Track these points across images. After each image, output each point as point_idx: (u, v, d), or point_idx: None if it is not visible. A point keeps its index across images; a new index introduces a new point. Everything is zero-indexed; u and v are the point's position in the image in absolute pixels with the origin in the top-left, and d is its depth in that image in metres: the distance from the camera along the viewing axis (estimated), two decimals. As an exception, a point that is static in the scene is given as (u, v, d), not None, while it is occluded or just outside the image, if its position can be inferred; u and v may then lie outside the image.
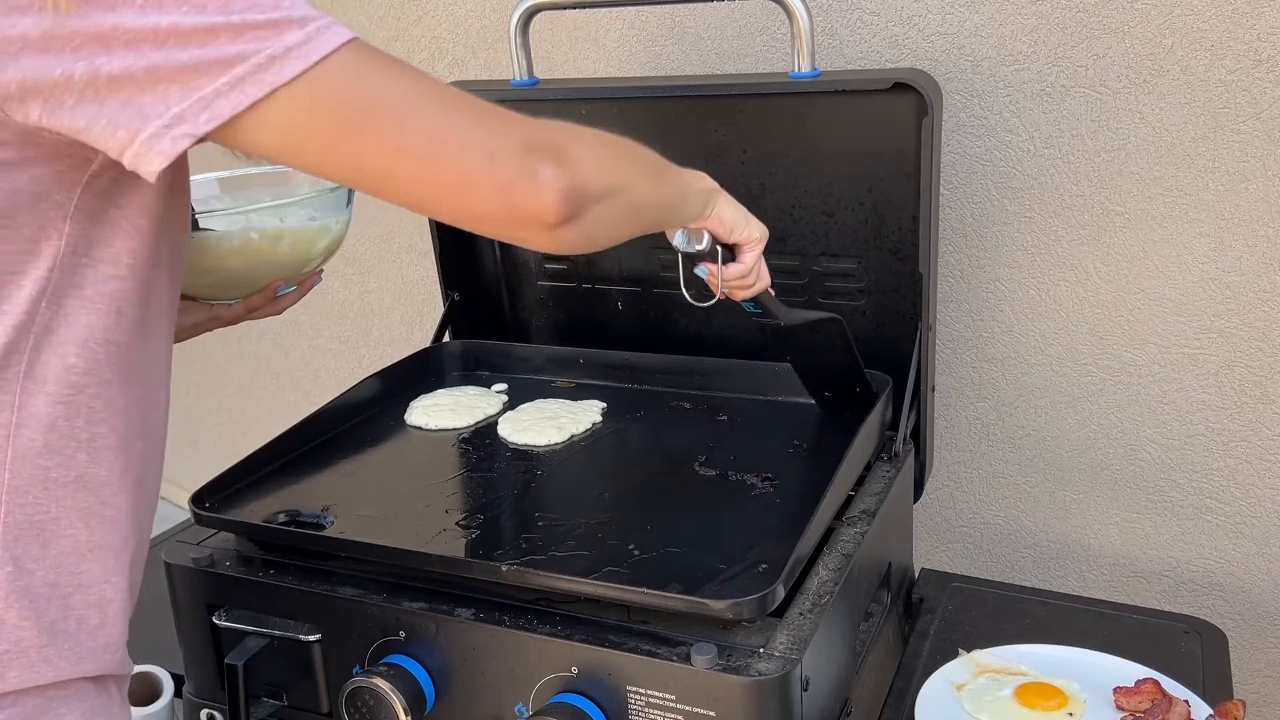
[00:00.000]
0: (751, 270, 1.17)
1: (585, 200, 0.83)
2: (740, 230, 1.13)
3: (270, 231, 1.25)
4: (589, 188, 0.84)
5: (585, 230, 0.85)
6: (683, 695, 0.97)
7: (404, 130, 0.77)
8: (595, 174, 0.85)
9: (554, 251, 0.87)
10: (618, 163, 0.91)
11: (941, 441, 1.73)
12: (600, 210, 0.86)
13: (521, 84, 1.52)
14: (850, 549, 1.16)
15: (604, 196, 0.86)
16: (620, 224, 0.92)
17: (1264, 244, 1.43)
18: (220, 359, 3.09)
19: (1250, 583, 1.55)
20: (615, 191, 0.88)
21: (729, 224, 1.12)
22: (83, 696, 0.87)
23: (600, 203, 0.85)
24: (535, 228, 0.82)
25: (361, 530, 1.19)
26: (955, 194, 1.62)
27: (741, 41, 1.75)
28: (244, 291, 1.28)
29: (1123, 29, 1.45)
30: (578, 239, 0.86)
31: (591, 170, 0.85)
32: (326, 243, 1.31)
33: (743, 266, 1.16)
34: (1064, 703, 1.15)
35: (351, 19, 2.35)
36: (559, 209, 0.81)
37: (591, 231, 0.86)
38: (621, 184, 0.90)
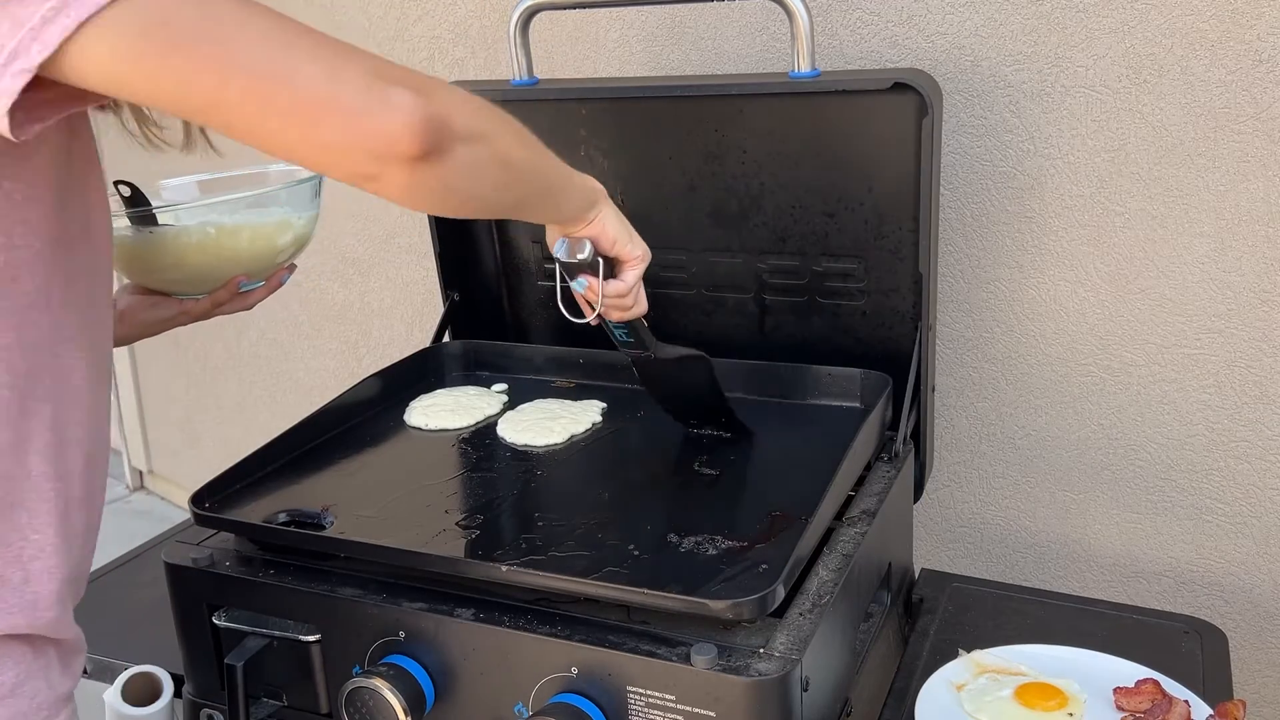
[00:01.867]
0: (631, 290, 1.14)
1: (448, 134, 0.76)
2: (623, 245, 1.11)
3: (228, 226, 1.26)
4: (452, 121, 0.77)
5: (449, 173, 0.78)
6: (683, 695, 0.97)
7: (234, 49, 0.70)
8: (458, 111, 0.78)
9: (412, 205, 0.80)
10: (482, 110, 0.85)
11: (941, 441, 1.73)
12: (465, 153, 0.79)
13: (521, 84, 1.52)
14: (850, 549, 1.16)
15: (469, 138, 0.79)
16: (488, 178, 0.85)
17: (1264, 244, 1.43)
18: (220, 359, 3.09)
19: (1250, 583, 1.55)
20: (482, 136, 0.82)
21: (612, 235, 1.09)
22: (16, 657, 0.88)
23: (466, 144, 0.79)
24: (391, 162, 0.74)
25: (361, 530, 1.19)
26: (955, 194, 1.62)
27: (741, 41, 1.75)
28: (207, 287, 1.29)
29: (1123, 29, 1.45)
30: (439, 184, 0.79)
31: (454, 106, 0.78)
32: (289, 238, 1.32)
33: (622, 285, 1.13)
34: (1064, 703, 1.15)
35: (351, 19, 2.36)
36: (417, 138, 0.74)
37: (456, 178, 0.80)
38: (489, 130, 0.83)
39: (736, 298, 1.56)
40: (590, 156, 1.58)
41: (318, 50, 0.74)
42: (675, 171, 1.53)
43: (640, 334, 1.23)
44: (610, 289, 1.13)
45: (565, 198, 1.03)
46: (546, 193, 1.00)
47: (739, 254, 1.54)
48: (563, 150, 1.22)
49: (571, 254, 1.09)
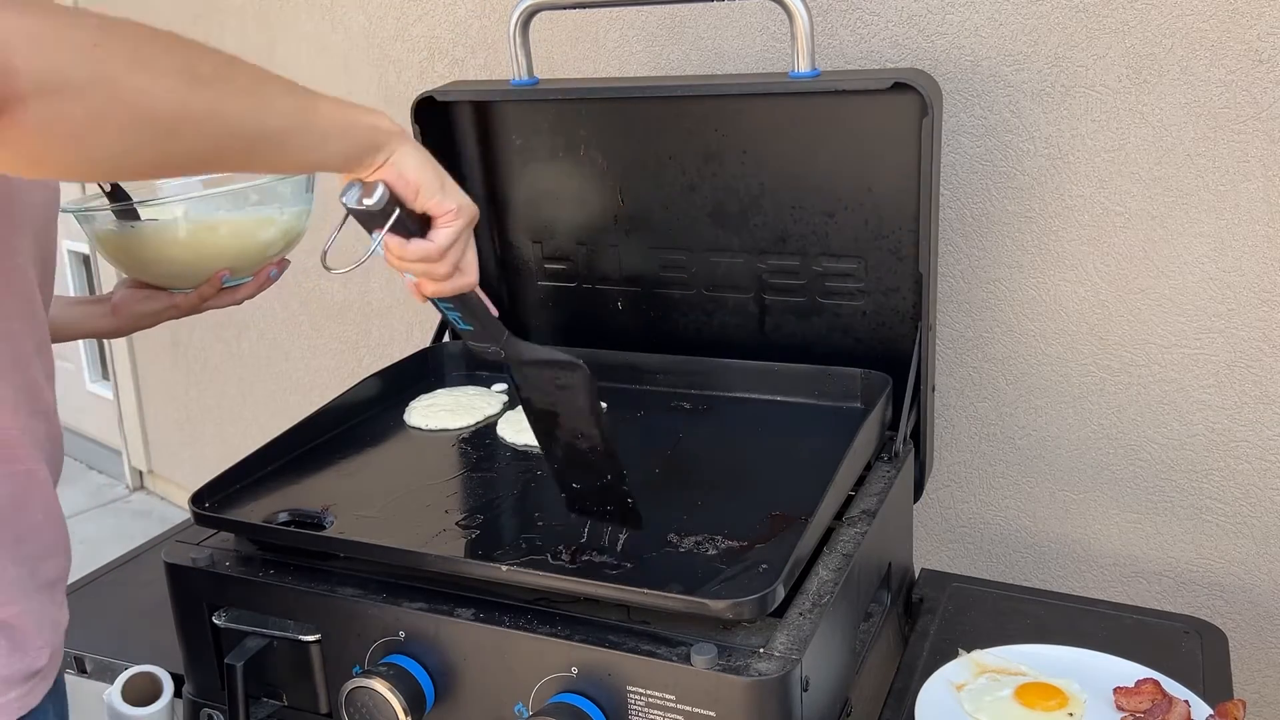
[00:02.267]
0: (445, 254, 0.92)
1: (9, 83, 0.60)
2: (430, 195, 0.90)
3: (208, 222, 1.28)
4: (18, 68, 0.60)
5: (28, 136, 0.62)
6: (683, 695, 0.97)
7: None
8: (35, 52, 0.61)
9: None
10: (100, 44, 0.66)
11: (941, 441, 1.73)
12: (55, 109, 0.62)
13: (521, 84, 1.52)
14: (850, 549, 1.16)
15: (60, 89, 0.62)
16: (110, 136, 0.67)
17: (1264, 244, 1.43)
18: (220, 359, 3.09)
19: (1250, 583, 1.55)
20: (87, 84, 0.64)
21: (413, 181, 0.89)
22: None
23: (54, 98, 0.62)
24: None
25: (361, 530, 1.19)
26: (955, 194, 1.62)
27: (741, 41, 1.75)
28: (192, 281, 1.31)
29: (1123, 29, 1.45)
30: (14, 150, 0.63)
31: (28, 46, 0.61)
32: (273, 233, 1.33)
33: (429, 245, 0.92)
34: (1064, 703, 1.15)
35: (351, 19, 2.36)
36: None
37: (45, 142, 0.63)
38: (102, 75, 0.65)
39: (736, 298, 1.56)
40: (590, 156, 1.58)
41: None
42: (675, 171, 1.53)
43: (477, 316, 0.99)
44: (414, 250, 0.92)
45: (304, 146, 0.83)
46: (250, 144, 0.78)
47: (739, 254, 1.54)
48: (563, 150, 1.22)
49: (359, 200, 0.89)
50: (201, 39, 0.76)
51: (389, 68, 2.32)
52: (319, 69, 2.45)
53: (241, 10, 2.64)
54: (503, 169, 1.64)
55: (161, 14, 2.79)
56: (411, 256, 0.93)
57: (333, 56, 2.43)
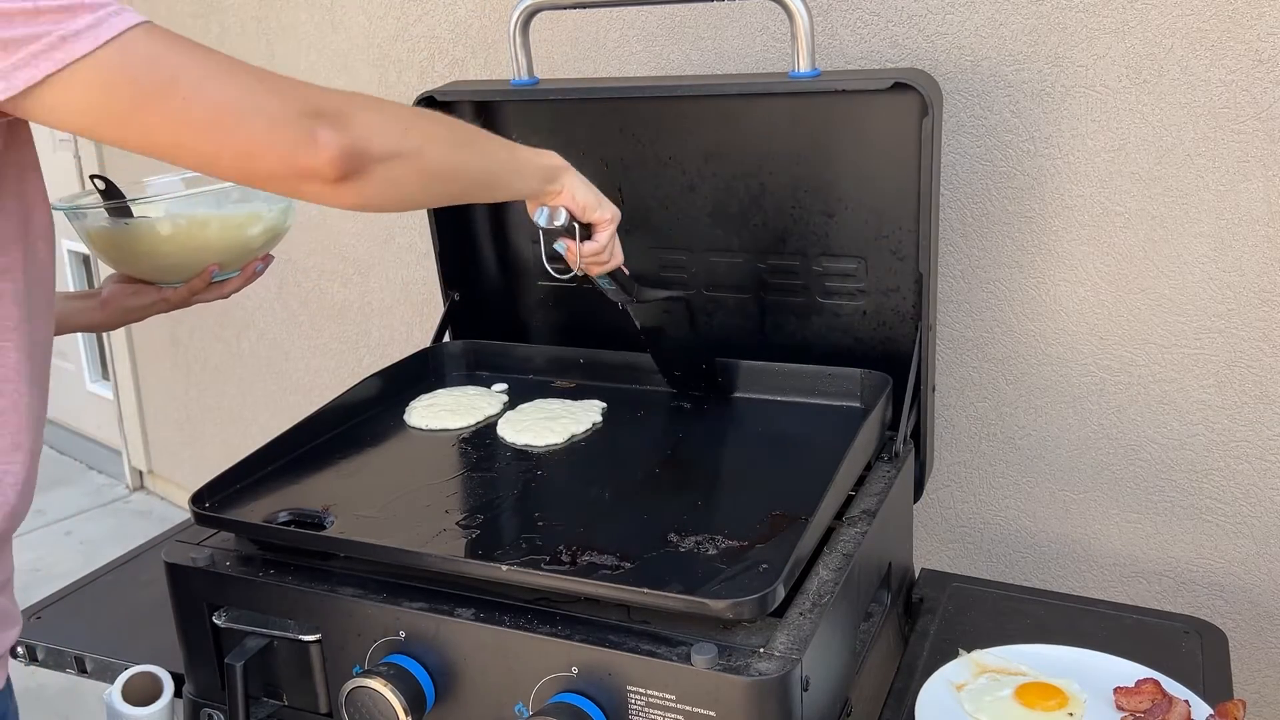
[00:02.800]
0: (605, 248, 1.27)
1: (365, 159, 0.92)
2: (594, 210, 1.23)
3: (198, 218, 1.32)
4: (369, 148, 0.93)
5: (370, 187, 0.94)
6: (683, 695, 0.97)
7: (189, 104, 0.84)
8: (376, 136, 0.94)
9: (345, 207, 0.96)
10: (405, 129, 0.99)
11: (941, 441, 1.73)
12: (385, 170, 0.95)
13: (521, 84, 1.52)
14: (850, 549, 1.16)
15: (388, 157, 0.95)
16: (412, 184, 1.01)
17: (1264, 244, 1.43)
18: (220, 359, 3.09)
19: (1250, 583, 1.55)
20: (402, 154, 0.97)
21: (582, 203, 1.22)
22: None
23: (384, 163, 0.94)
24: (317, 183, 0.91)
25: (361, 530, 1.19)
26: (955, 194, 1.62)
27: (741, 41, 1.75)
28: (182, 276, 1.35)
29: (1123, 29, 1.45)
30: (362, 196, 0.95)
31: (372, 133, 0.93)
32: (260, 229, 1.37)
33: (597, 244, 1.26)
34: (1064, 703, 1.15)
35: (351, 19, 2.36)
36: (337, 167, 0.90)
37: (377, 189, 0.95)
38: (409, 147, 0.98)
39: (736, 298, 1.56)
40: (590, 156, 1.57)
41: (259, 94, 0.88)
42: (675, 171, 1.54)
43: (622, 283, 1.35)
44: (586, 249, 1.26)
45: (515, 181, 1.17)
46: (488, 183, 1.15)
47: (739, 254, 1.54)
48: (562, 151, 1.23)
49: (549, 222, 1.23)
50: (200, 39, 0.92)
51: (389, 68, 2.32)
52: (319, 69, 2.45)
53: (241, 10, 2.64)
54: (503, 169, 1.64)
55: (161, 13, 2.79)
56: (586, 254, 1.27)
57: (333, 56, 2.43)
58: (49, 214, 1.00)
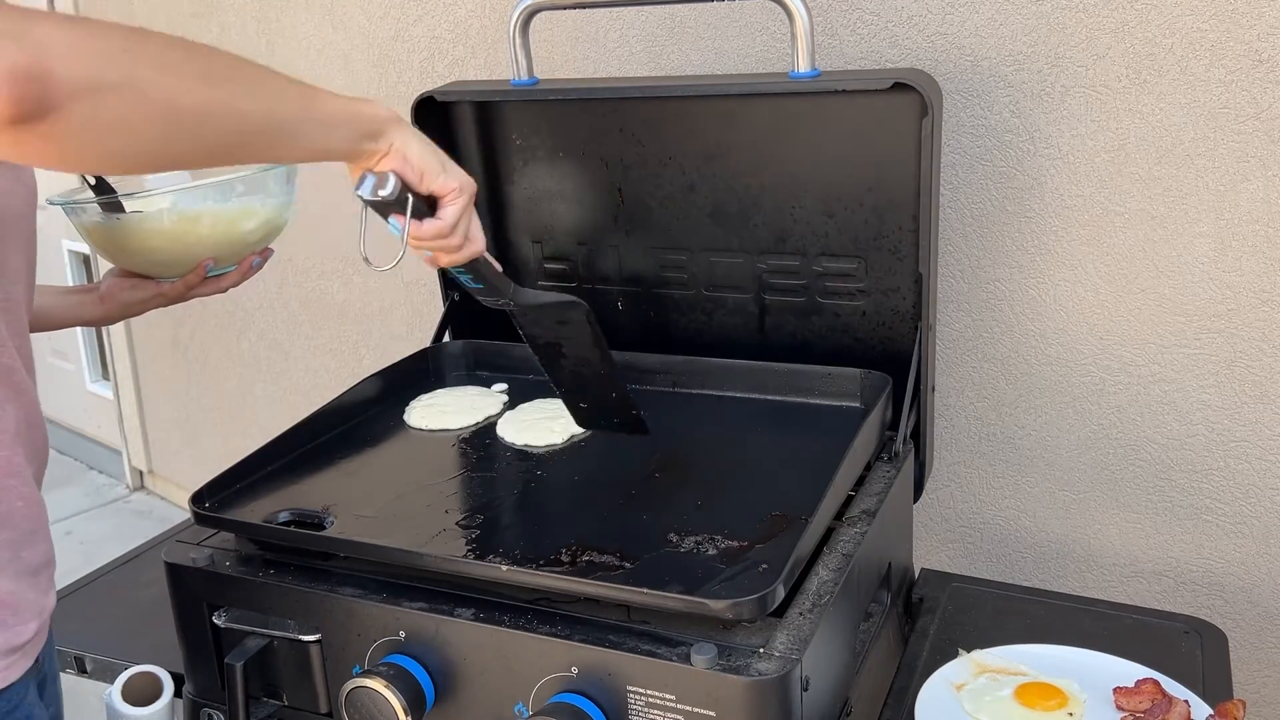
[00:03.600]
0: (455, 228, 1.00)
1: (53, 89, 0.67)
2: (434, 177, 0.98)
3: (189, 213, 1.31)
4: (58, 75, 0.68)
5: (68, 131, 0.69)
6: (683, 695, 0.97)
7: None
8: (72, 59, 0.69)
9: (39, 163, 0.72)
10: (126, 50, 0.73)
11: (941, 441, 1.73)
12: (89, 106, 0.70)
13: (521, 84, 1.52)
14: (850, 549, 1.16)
15: (91, 88, 0.70)
16: (137, 129, 0.74)
17: (1264, 244, 1.43)
18: (220, 359, 3.09)
19: (1250, 583, 1.55)
20: (115, 84, 0.71)
21: (418, 167, 0.96)
22: None
23: (87, 96, 0.69)
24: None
25: (361, 530, 1.19)
26: (955, 194, 1.62)
27: (741, 41, 1.75)
28: (177, 270, 1.35)
29: (1123, 29, 1.45)
30: (57, 144, 0.70)
31: (65, 54, 0.68)
32: (255, 224, 1.36)
33: (441, 223, 1.00)
34: (1064, 703, 1.15)
35: (351, 19, 2.36)
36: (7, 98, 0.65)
37: (80, 134, 0.70)
38: (128, 75, 0.72)
39: (736, 298, 1.57)
40: (590, 156, 1.58)
41: None
42: (675, 171, 1.54)
43: (487, 278, 1.08)
44: (428, 229, 1.00)
45: (310, 134, 0.89)
46: (264, 134, 0.86)
47: (739, 254, 1.54)
48: (563, 150, 1.23)
49: (374, 191, 0.95)
50: (201, 39, 0.82)
51: (389, 68, 2.32)
52: (319, 69, 2.45)
53: (241, 10, 2.64)
54: (503, 169, 1.64)
55: (161, 13, 2.79)
56: (426, 235, 1.00)
57: (333, 56, 2.43)
58: (23, 218, 0.97)
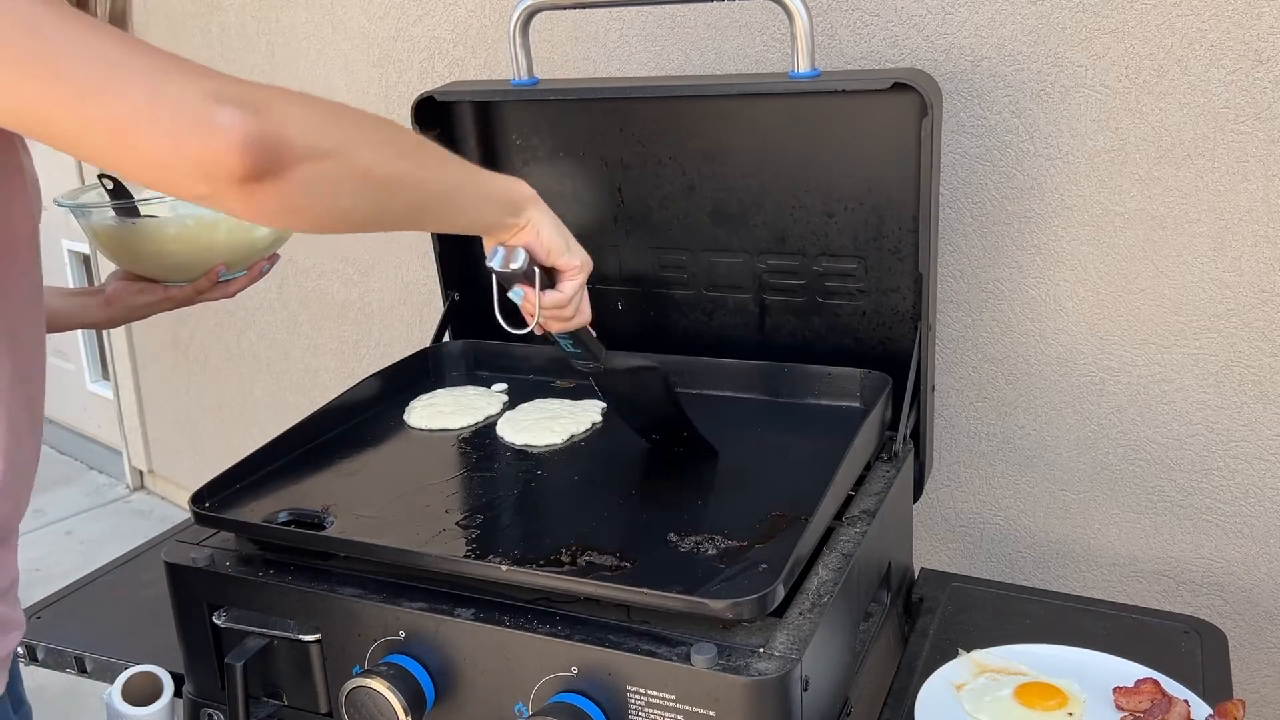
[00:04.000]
0: (571, 301, 1.10)
1: (284, 153, 0.75)
2: (560, 255, 1.07)
3: (206, 219, 1.31)
4: (290, 140, 0.75)
5: (293, 191, 0.77)
6: (683, 695, 0.97)
7: (59, 65, 0.69)
8: (300, 128, 0.76)
9: (263, 219, 0.79)
10: (335, 123, 0.82)
11: (941, 441, 1.73)
12: (309, 171, 0.77)
13: (521, 84, 1.52)
14: (850, 549, 1.16)
15: (315, 156, 0.77)
16: (345, 192, 0.83)
17: (1264, 244, 1.43)
18: (220, 359, 3.09)
19: (1250, 583, 1.55)
20: (331, 152, 0.79)
21: (547, 244, 1.06)
22: None
23: (309, 162, 0.77)
24: (220, 182, 0.73)
25: (361, 530, 1.19)
26: (955, 194, 1.62)
27: (741, 41, 1.75)
28: (188, 275, 1.35)
29: (1123, 29, 1.45)
30: (283, 201, 0.77)
31: (294, 123, 0.76)
32: (268, 230, 1.36)
33: (560, 295, 1.09)
34: (1064, 703, 1.15)
35: (351, 19, 2.36)
36: (245, 159, 0.72)
37: (303, 194, 0.78)
38: (342, 145, 0.81)
39: (736, 298, 1.57)
40: (590, 156, 1.58)
41: (144, 67, 0.71)
42: (675, 171, 1.54)
43: (586, 344, 1.18)
44: (548, 300, 1.09)
45: (470, 206, 1.00)
46: (437, 203, 0.96)
47: (739, 254, 1.54)
48: (563, 150, 1.23)
49: (505, 264, 1.04)
50: (201, 38, 0.80)
51: (389, 68, 2.32)
52: (319, 69, 2.45)
53: (241, 10, 2.64)
54: (503, 169, 1.64)
55: (161, 13, 2.79)
56: (547, 305, 1.09)
57: (333, 56, 2.43)
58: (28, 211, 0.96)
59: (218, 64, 0.92)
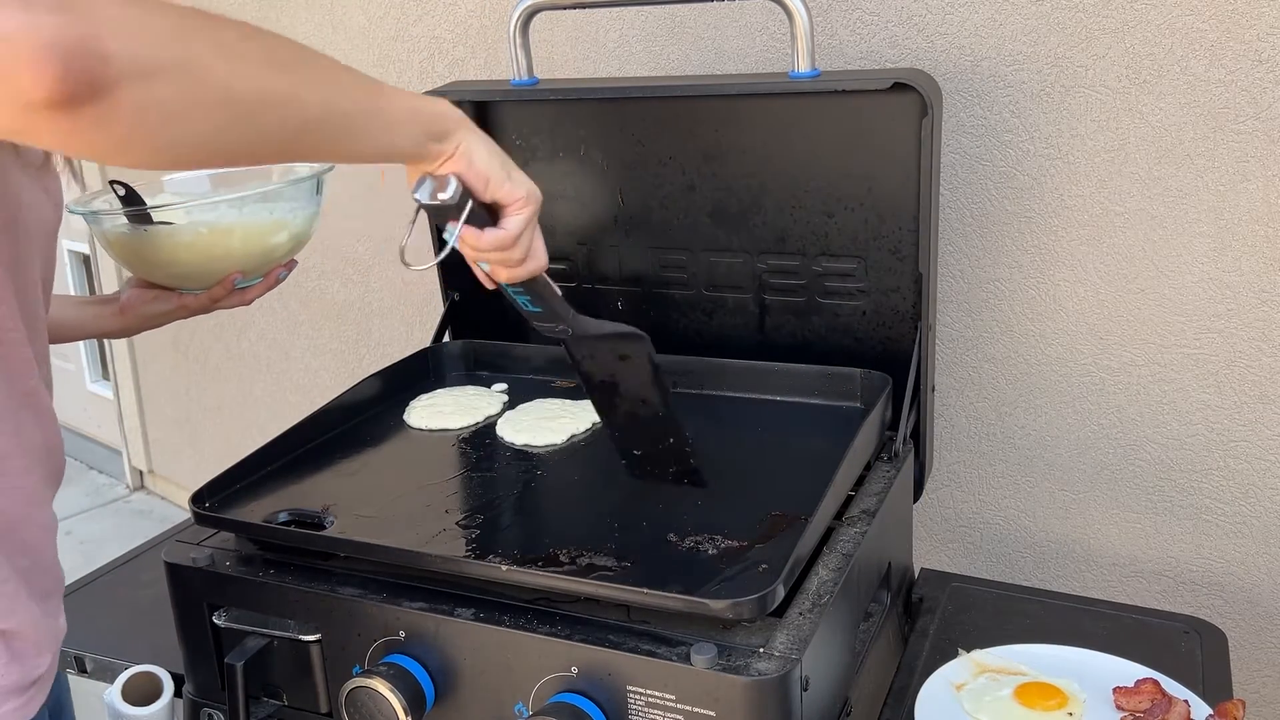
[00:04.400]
0: (517, 241, 0.94)
1: (103, 68, 0.61)
2: (500, 185, 0.91)
3: (221, 226, 1.28)
4: (109, 51, 0.61)
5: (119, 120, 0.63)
6: (683, 695, 0.97)
7: None
8: (125, 35, 0.62)
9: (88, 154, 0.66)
10: (184, 30, 0.67)
11: (941, 441, 1.73)
12: (143, 90, 0.63)
13: (521, 84, 1.52)
14: (850, 549, 1.16)
15: (148, 71, 0.63)
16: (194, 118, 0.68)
17: (1264, 244, 1.43)
18: (220, 359, 3.09)
19: (1250, 583, 1.55)
20: (171, 66, 0.65)
21: (483, 173, 0.90)
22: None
23: (141, 79, 0.63)
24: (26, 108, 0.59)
25: (361, 530, 1.19)
26: (955, 194, 1.62)
27: (741, 41, 1.75)
28: (203, 283, 1.31)
29: (1123, 29, 1.45)
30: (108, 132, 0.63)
31: (117, 28, 0.62)
32: (284, 236, 1.33)
33: (504, 233, 0.93)
34: (1064, 703, 1.15)
35: (351, 19, 2.36)
36: (49, 76, 0.58)
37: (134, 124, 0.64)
38: (185, 56, 0.66)
39: (736, 298, 1.57)
40: (590, 156, 1.58)
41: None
42: (675, 171, 1.54)
43: (547, 300, 1.01)
44: (488, 239, 0.93)
45: (375, 131, 0.84)
46: (329, 128, 0.80)
47: (739, 254, 1.54)
48: (563, 150, 1.22)
49: (432, 195, 0.89)
50: None
51: (389, 68, 2.32)
52: (319, 69, 2.45)
53: (241, 10, 2.64)
54: (503, 169, 1.64)
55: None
56: (486, 246, 0.94)
57: (333, 57, 2.43)
58: (49, 235, 0.94)
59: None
